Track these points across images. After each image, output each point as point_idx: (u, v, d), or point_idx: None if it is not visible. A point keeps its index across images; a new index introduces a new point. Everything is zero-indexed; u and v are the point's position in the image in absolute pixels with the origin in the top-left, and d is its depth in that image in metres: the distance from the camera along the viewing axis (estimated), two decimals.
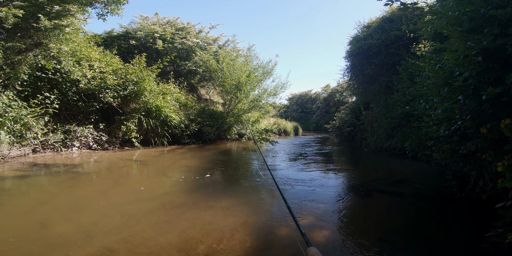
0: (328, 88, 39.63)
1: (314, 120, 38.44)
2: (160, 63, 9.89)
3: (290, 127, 25.91)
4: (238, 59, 13.64)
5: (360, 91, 13.05)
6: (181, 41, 13.89)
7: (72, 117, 7.54)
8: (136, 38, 13.41)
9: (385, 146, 8.71)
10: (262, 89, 14.30)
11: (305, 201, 3.54)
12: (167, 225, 2.61)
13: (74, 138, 7.12)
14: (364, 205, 3.46)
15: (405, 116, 7.10)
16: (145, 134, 9.17)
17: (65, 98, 7.08)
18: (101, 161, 6.15)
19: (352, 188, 4.37)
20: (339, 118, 17.74)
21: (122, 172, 5.19)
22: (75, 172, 4.76)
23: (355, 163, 7.32)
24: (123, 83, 8.48)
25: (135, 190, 3.85)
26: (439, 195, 3.89)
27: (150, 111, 9.15)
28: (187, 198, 3.59)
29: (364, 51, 10.58)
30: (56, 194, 3.54)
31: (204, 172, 5.35)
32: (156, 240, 2.30)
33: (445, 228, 2.69)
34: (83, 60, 7.58)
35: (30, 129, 5.93)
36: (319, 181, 4.69)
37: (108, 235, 2.37)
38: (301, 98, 44.45)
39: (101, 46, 10.56)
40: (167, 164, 6.38)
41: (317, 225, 2.72)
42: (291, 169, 5.78)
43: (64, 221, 2.60)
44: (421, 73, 6.18)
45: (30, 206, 3.01)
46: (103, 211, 2.95)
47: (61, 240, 2.25)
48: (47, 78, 6.74)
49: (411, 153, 5.58)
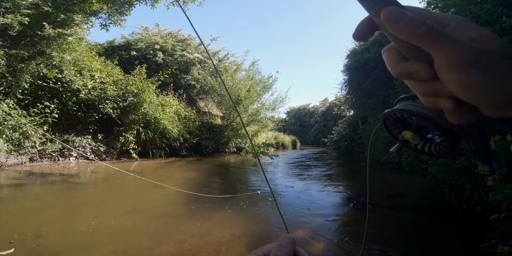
0: (326, 102, 39.90)
1: (312, 133, 38.51)
2: (161, 75, 9.98)
3: (288, 140, 25.94)
4: (238, 72, 13.79)
5: (357, 105, 12.86)
6: (181, 53, 14.04)
7: (71, 127, 7.56)
8: (137, 49, 13.54)
9: (382, 160, 8.74)
10: (261, 103, 14.41)
11: (302, 214, 3.53)
12: (164, 236, 2.60)
13: (72, 148, 7.10)
14: (361, 218, 3.46)
15: None
16: (143, 145, 9.15)
17: (65, 108, 7.11)
18: (97, 171, 6.11)
19: (349, 201, 4.36)
20: (337, 132, 17.83)
21: (119, 183, 5.16)
22: (72, 182, 4.73)
23: (352, 177, 7.33)
24: (123, 94, 8.54)
25: (131, 201, 3.83)
26: (436, 207, 3.91)
27: (149, 122, 9.16)
28: (185, 209, 3.57)
29: (361, 65, 10.56)
30: (51, 203, 3.51)
31: (202, 185, 5.33)
32: (153, 252, 2.28)
33: (442, 240, 2.69)
34: (84, 70, 7.65)
35: (28, 137, 5.93)
36: (317, 194, 4.69)
37: (104, 246, 2.35)
38: (299, 112, 44.64)
39: (103, 55, 10.65)
40: (165, 175, 6.35)
41: (314, 238, 2.71)
42: (289, 183, 5.77)
43: (59, 231, 2.58)
44: None
45: (25, 215, 2.98)
46: (99, 221, 2.93)
47: (55, 250, 2.23)
48: (48, 87, 6.79)
49: (407, 167, 5.60)
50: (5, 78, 5.67)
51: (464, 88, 0.23)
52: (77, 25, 6.23)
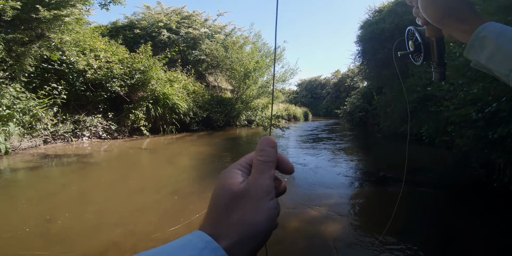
0: (338, 74, 38.81)
1: (324, 105, 37.93)
2: (168, 52, 9.74)
3: (299, 112, 25.60)
4: (245, 46, 13.43)
5: (372, 75, 12.71)
6: (187, 30, 13.65)
7: (81, 107, 7.54)
8: (140, 27, 13.26)
9: (399, 132, 8.40)
10: (271, 75, 14.18)
11: (316, 189, 3.41)
12: (173, 217, 2.55)
13: (84, 127, 7.14)
14: (379, 194, 3.31)
15: (422, 100, 6.76)
16: (153, 122, 9.15)
17: (73, 89, 7.05)
18: (110, 150, 6.17)
19: (366, 175, 4.21)
20: (350, 103, 17.28)
21: (131, 161, 5.18)
22: (85, 163, 4.77)
23: (367, 149, 7.12)
24: (130, 72, 8.42)
25: (142, 180, 3.81)
26: (461, 184, 3.65)
27: (158, 99, 9.09)
28: (195, 187, 3.53)
29: (376, 36, 10.30)
30: (64, 185, 3.53)
31: (213, 159, 5.28)
32: (162, 233, 2.23)
33: (468, 222, 2.52)
34: (87, 50, 7.50)
35: (40, 120, 5.95)
36: (331, 168, 4.54)
37: (114, 228, 2.32)
38: (310, 84, 43.76)
39: (107, 36, 10.42)
40: (176, 151, 6.35)
41: (329, 217, 2.59)
42: (301, 156, 5.63)
43: (70, 215, 2.57)
44: None
45: (37, 199, 3.00)
46: (110, 202, 2.91)
47: (66, 233, 2.22)
48: (53, 69, 6.71)
49: (427, 139, 5.29)
50: (5, 63, 5.61)
51: (422, 9, 0.47)
52: (73, 5, 6.02)
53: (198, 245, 0.26)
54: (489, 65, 0.41)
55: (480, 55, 0.42)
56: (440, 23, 0.46)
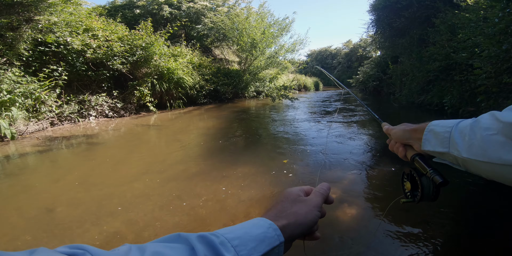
0: (350, 44, 37.49)
1: (335, 75, 36.81)
2: (169, 28, 9.32)
3: (310, 82, 24.88)
4: (251, 17, 12.81)
5: (387, 45, 12.46)
6: (188, 5, 13.03)
7: (85, 87, 7.37)
8: (140, 6, 12.77)
9: (417, 101, 7.91)
10: (279, 45, 13.68)
11: (328, 168, 3.21)
12: (177, 202, 2.42)
13: (90, 107, 7.03)
14: (394, 170, 3.07)
15: (445, 69, 6.20)
16: (159, 97, 8.97)
17: (74, 69, 6.86)
18: (117, 129, 6.08)
19: (380, 147, 3.94)
20: (363, 72, 16.41)
21: (137, 140, 5.07)
22: (90, 143, 4.69)
23: (384, 119, 6.74)
24: (131, 49, 8.15)
25: (147, 160, 3.69)
26: None
27: (162, 74, 8.83)
28: (201, 166, 3.38)
29: (391, 4, 9.88)
30: (68, 169, 3.46)
31: (221, 135, 5.11)
32: (165, 221, 2.11)
33: (499, 212, 2.27)
34: (80, 30, 7.19)
35: (43, 102, 5.86)
36: (346, 141, 4.28)
37: (116, 216, 2.21)
38: (320, 54, 42.54)
39: (104, 16, 10.05)
40: (183, 127, 6.21)
41: (344, 199, 2.40)
42: (313, 128, 5.36)
43: (71, 203, 2.48)
44: (465, 25, 5.41)
45: (40, 187, 2.92)
46: (113, 188, 2.81)
47: (67, 223, 2.13)
48: (51, 52, 6.52)
49: (450, 109, 4.88)
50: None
51: None
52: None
53: (265, 225, 0.40)
54: (436, 149, 0.52)
55: (430, 144, 0.53)
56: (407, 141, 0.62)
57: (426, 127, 0.54)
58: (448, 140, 0.49)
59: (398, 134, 0.64)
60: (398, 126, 0.66)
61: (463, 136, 0.46)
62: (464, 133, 0.46)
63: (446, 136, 0.49)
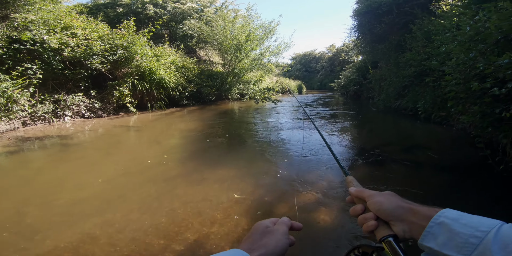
0: (333, 48, 38.60)
1: (318, 79, 37.71)
2: (152, 26, 9.20)
3: (293, 85, 25.18)
4: (237, 20, 12.87)
5: (367, 50, 12.70)
6: (174, 5, 12.88)
7: (60, 86, 7.07)
8: (123, 5, 12.56)
9: (394, 106, 8.24)
10: (264, 48, 13.76)
11: (307, 170, 3.27)
12: (156, 204, 2.38)
13: (65, 107, 6.75)
14: (376, 175, 3.18)
15: (419, 75, 6.51)
16: (140, 98, 8.77)
17: (49, 68, 6.57)
18: (94, 129, 5.88)
19: (361, 153, 4.07)
20: (345, 77, 16.91)
21: (114, 141, 4.93)
22: (64, 144, 4.51)
23: (362, 124, 6.96)
24: (111, 49, 7.92)
25: (126, 162, 3.60)
26: (463, 165, 3.45)
27: (144, 74, 8.64)
28: (180, 168, 3.35)
29: (373, 10, 10.12)
30: (40, 170, 3.31)
31: (202, 136, 5.07)
32: (142, 223, 2.08)
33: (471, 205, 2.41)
34: (58, 28, 6.94)
35: (16, 101, 5.56)
36: (323, 145, 4.37)
37: (90, 218, 2.15)
38: (305, 58, 43.58)
39: (85, 14, 9.80)
40: (163, 129, 6.11)
41: (321, 202, 2.46)
42: (293, 131, 5.44)
43: (42, 205, 2.38)
44: (439, 31, 5.71)
45: (9, 188, 2.78)
46: (88, 188, 2.72)
47: (39, 226, 2.04)
48: (26, 49, 6.24)
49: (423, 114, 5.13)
50: None
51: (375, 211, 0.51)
52: None
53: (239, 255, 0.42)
54: (444, 251, 0.40)
55: (436, 241, 0.42)
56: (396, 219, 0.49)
57: (434, 215, 0.43)
58: (475, 248, 0.37)
59: (385, 208, 0.49)
60: (382, 194, 0.52)
61: (508, 251, 0.34)
62: (509, 247, 0.34)
63: (473, 243, 0.37)
